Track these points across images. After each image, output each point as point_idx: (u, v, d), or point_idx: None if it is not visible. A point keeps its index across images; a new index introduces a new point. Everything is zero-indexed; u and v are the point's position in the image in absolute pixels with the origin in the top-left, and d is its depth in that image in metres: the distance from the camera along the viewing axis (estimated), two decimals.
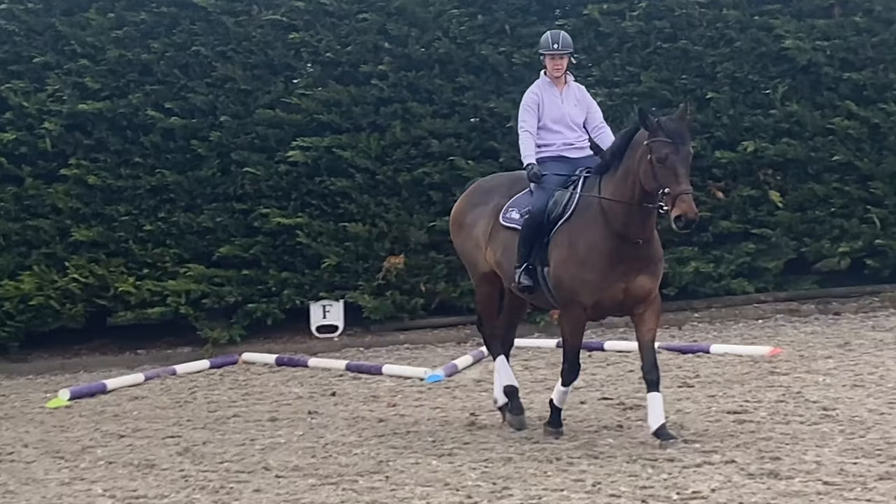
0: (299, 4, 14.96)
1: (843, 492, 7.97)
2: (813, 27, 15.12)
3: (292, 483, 9.12)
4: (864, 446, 9.09)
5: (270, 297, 14.82)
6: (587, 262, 9.28)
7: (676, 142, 8.86)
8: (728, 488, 8.21)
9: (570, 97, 10.23)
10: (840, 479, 8.30)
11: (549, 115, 10.12)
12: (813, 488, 8.05)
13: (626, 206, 9.13)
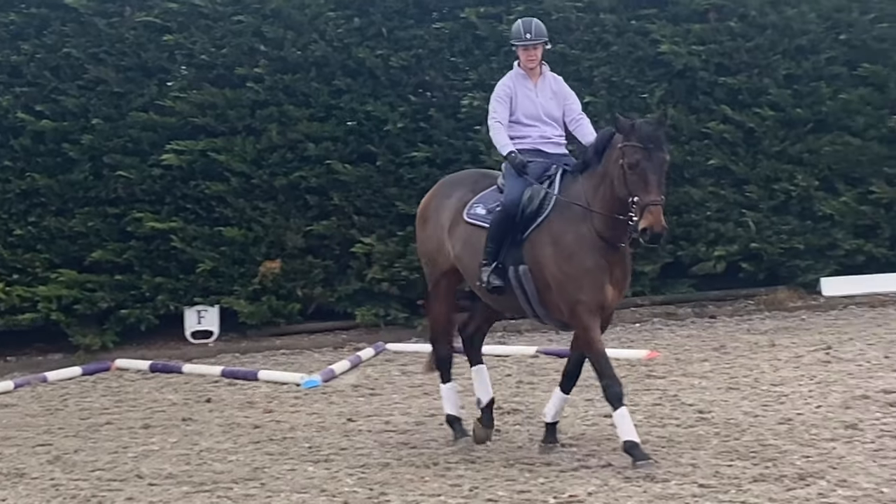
0: (173, 6, 14.89)
1: (718, 494, 8.18)
2: (689, 32, 15.41)
3: (166, 491, 9.07)
4: (738, 448, 9.33)
5: (144, 302, 14.75)
6: (576, 255, 8.81)
7: (649, 147, 8.38)
8: (604, 492, 8.35)
9: (546, 90, 9.63)
10: (715, 481, 8.52)
11: (522, 110, 9.56)
12: (688, 491, 8.26)
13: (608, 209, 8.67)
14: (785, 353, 13.03)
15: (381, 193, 15.14)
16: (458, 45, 15.18)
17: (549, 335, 14.62)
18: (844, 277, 15.88)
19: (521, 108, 9.48)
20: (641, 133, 8.38)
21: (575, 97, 9.70)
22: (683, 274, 15.88)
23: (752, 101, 15.66)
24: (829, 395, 11.00)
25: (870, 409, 10.42)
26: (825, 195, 15.80)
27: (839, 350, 12.93)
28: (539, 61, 9.55)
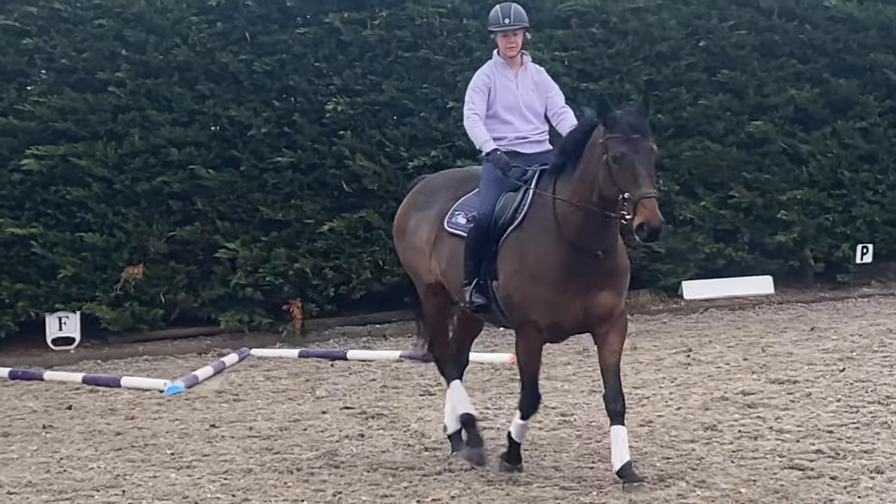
0: (32, 10, 14.74)
1: (580, 496, 8.40)
2: (551, 37, 15.53)
3: (25, 500, 9.03)
4: (600, 451, 9.58)
5: (4, 308, 14.62)
6: (538, 276, 8.16)
7: (634, 138, 7.78)
8: (468, 495, 8.52)
9: (527, 81, 8.98)
10: (577, 483, 8.75)
11: (501, 102, 8.86)
12: (551, 493, 8.46)
13: (584, 214, 8.09)
14: (646, 355, 13.34)
15: (244, 199, 15.17)
16: (322, 51, 15.22)
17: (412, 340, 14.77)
18: (705, 281, 16.23)
19: (500, 99, 8.87)
20: (624, 123, 7.80)
21: (557, 89, 9.12)
22: None
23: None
24: (689, 398, 11.32)
25: (728, 411, 10.77)
26: (686, 200, 16.10)
27: (699, 353, 13.26)
28: (520, 49, 9.02)
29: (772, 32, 16.15)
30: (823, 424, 10.15)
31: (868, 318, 14.89)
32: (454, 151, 15.37)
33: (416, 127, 15.45)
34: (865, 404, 10.76)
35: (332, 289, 15.37)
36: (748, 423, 10.32)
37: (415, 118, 15.38)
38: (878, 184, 16.48)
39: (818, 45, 16.26)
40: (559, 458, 9.53)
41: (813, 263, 16.46)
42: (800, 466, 9.10)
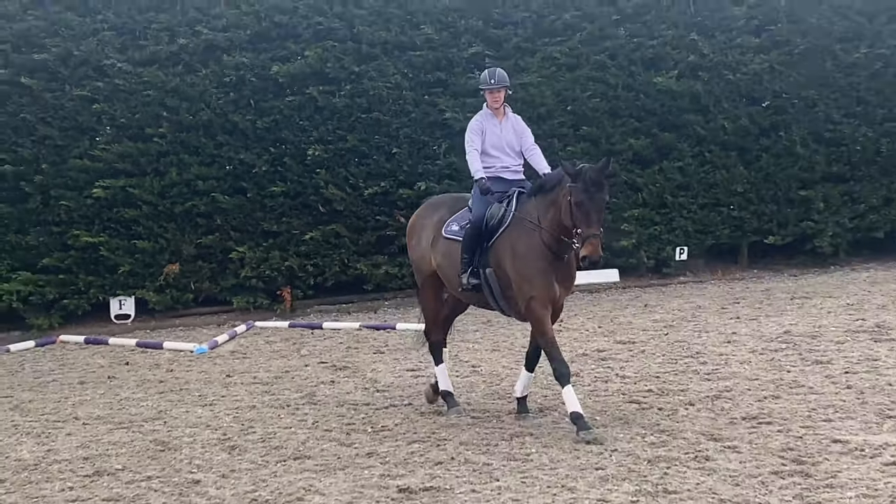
0: (100, 84, 14.52)
1: (484, 423, 8.57)
2: (465, 104, 15.35)
3: (95, 429, 9.09)
4: (499, 392, 9.69)
5: (80, 294, 14.51)
6: (528, 259, 8.33)
7: (591, 190, 7.90)
8: (406, 423, 8.79)
9: (509, 127, 9.10)
10: (482, 414, 8.85)
11: (489, 142, 9.01)
12: (465, 421, 8.65)
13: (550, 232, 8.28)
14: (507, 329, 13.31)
15: (250, 216, 15.08)
16: (305, 112, 15.12)
17: (368, 314, 14.79)
18: None
19: (489, 140, 8.99)
20: (586, 178, 7.92)
21: (529, 132, 9.25)
22: None
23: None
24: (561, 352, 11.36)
25: (587, 363, 10.90)
26: None
27: (568, 323, 13.28)
28: (502, 103, 9.09)
29: (617, 100, 16.21)
30: (652, 372, 10.32)
31: (684, 298, 15.03)
32: (397, 183, 15.38)
33: (370, 166, 15.36)
34: (682, 358, 10.91)
35: (311, 279, 15.35)
36: (601, 372, 10.45)
37: (369, 160, 15.36)
38: (691, 205, 16.57)
39: (649, 109, 16.33)
40: (470, 397, 9.64)
41: (646, 261, 16.55)
42: (636, 401, 9.23)
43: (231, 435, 8.66)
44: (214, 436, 8.67)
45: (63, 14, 14.45)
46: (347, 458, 7.91)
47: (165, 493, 7.30)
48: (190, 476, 7.65)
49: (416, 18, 15.49)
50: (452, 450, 7.95)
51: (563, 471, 7.36)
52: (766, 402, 8.89)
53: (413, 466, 7.61)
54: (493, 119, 9.09)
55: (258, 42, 15.03)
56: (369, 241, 15.41)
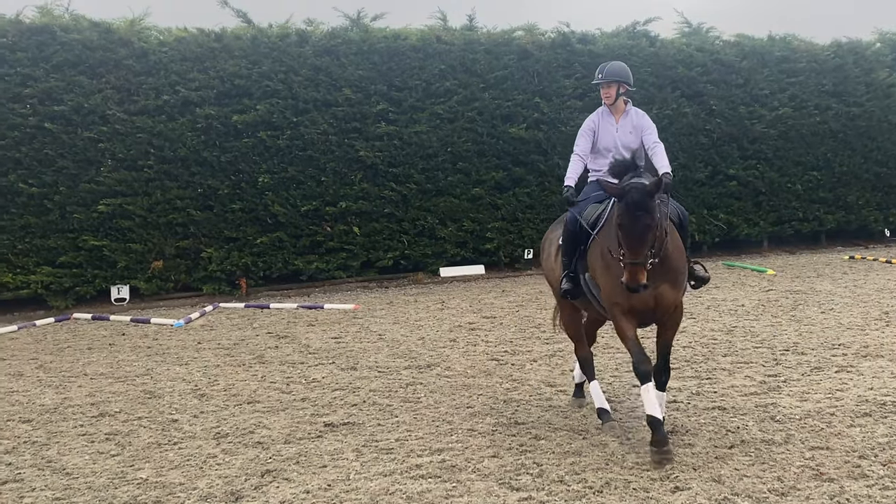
0: (105, 129, 14.18)
1: (387, 376, 8.48)
2: (374, 146, 15.40)
3: (99, 382, 8.84)
4: (400, 354, 9.72)
5: (88, 282, 14.22)
6: (612, 267, 5.93)
7: (632, 212, 5.51)
8: (330, 377, 8.53)
9: (627, 125, 6.74)
10: (386, 370, 8.78)
11: (601, 142, 6.80)
12: (371, 374, 8.62)
13: None
14: (422, 305, 13.39)
15: (216, 226, 14.87)
16: (256, 150, 15.00)
17: (304, 298, 14.71)
18: (451, 267, 16.32)
19: (601, 140, 6.77)
20: (629, 199, 5.57)
21: (652, 129, 6.74)
22: (372, 266, 15.92)
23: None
24: (442, 325, 11.41)
25: (462, 332, 10.92)
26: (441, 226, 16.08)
27: (448, 304, 13.33)
28: (614, 97, 6.71)
29: (483, 144, 16.29)
30: (508, 338, 10.33)
31: (530, 286, 15.16)
32: (325, 202, 15.33)
33: (305, 190, 15.27)
34: (529, 328, 10.99)
35: (261, 272, 15.22)
36: (471, 338, 10.47)
37: (304, 185, 15.29)
38: (535, 219, 16.69)
39: (506, 151, 16.43)
40: (378, 358, 9.52)
41: (503, 258, 16.66)
42: (496, 359, 9.27)
43: (201, 386, 8.58)
44: (188, 387, 8.59)
45: (76, 76, 14.08)
46: (287, 402, 7.88)
47: (152, 429, 7.20)
48: (170, 416, 7.56)
49: (338, 83, 15.39)
50: (364, 395, 7.97)
51: (444, 409, 7.41)
52: (597, 359, 9.02)
53: (336, 408, 7.60)
54: (609, 117, 6.85)
55: (222, 98, 14.82)
56: (304, 245, 15.35)
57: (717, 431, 6.38)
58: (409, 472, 5.86)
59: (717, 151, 17.77)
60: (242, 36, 15.12)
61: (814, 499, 5.04)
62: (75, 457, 6.52)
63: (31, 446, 6.82)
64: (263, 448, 6.54)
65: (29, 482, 5.99)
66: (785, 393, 7.35)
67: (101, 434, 7.07)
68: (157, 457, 6.45)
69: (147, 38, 14.70)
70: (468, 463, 5.99)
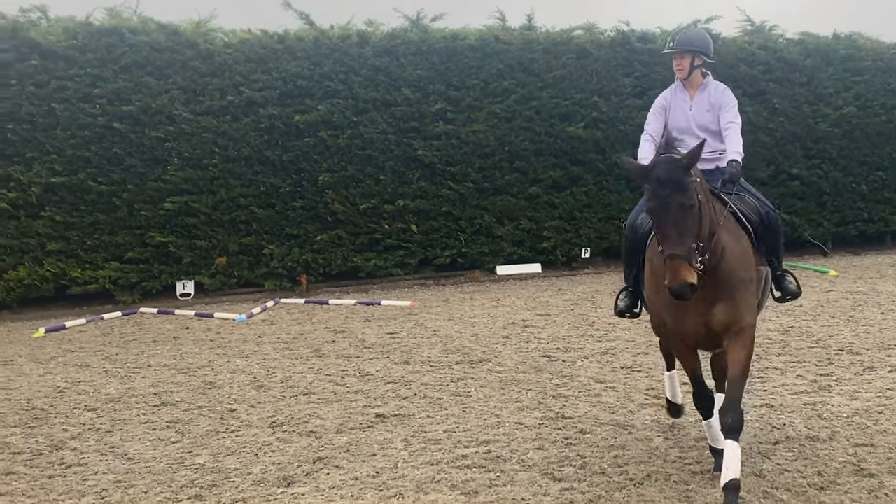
0: (171, 128, 14.49)
1: (439, 371, 8.57)
2: (432, 144, 15.47)
3: (162, 373, 9.13)
4: (454, 348, 9.81)
5: (154, 278, 14.54)
6: (660, 283, 4.55)
7: (661, 192, 4.28)
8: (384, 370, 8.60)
9: (703, 103, 5.60)
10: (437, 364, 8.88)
11: (673, 123, 5.65)
12: (423, 368, 8.70)
13: None
14: (479, 301, 13.48)
15: (278, 224, 15.12)
16: (318, 149, 15.23)
17: (362, 294, 14.91)
18: (507, 266, 16.38)
19: (673, 120, 5.67)
20: (655, 174, 4.33)
21: (731, 106, 5.55)
22: (429, 264, 16.05)
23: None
24: (496, 322, 11.50)
25: (515, 329, 10.97)
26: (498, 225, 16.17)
27: (504, 301, 13.40)
28: (688, 70, 5.62)
29: (541, 143, 16.28)
30: (561, 335, 10.39)
31: (586, 284, 15.17)
32: (383, 200, 15.51)
33: (364, 188, 15.44)
34: (582, 326, 11.04)
35: (321, 269, 15.47)
36: (524, 335, 10.55)
37: (363, 184, 15.48)
38: (593, 218, 16.66)
39: (563, 150, 16.39)
40: (431, 353, 9.60)
41: (560, 258, 16.68)
42: (547, 355, 9.35)
43: (259, 378, 8.78)
44: (247, 378, 8.79)
45: (144, 77, 14.44)
46: (341, 393, 8.06)
47: (211, 417, 7.43)
48: (228, 406, 7.78)
49: (397, 83, 15.56)
50: (416, 388, 8.11)
51: (493, 403, 7.54)
52: (639, 356, 9.06)
53: (387, 400, 7.77)
54: (682, 93, 5.71)
55: (285, 98, 15.07)
56: (363, 242, 15.56)
57: (762, 428, 6.43)
58: (455, 461, 6.01)
59: (779, 150, 17.59)
60: (305, 37, 15.40)
61: (852, 493, 5.08)
62: (137, 443, 6.79)
63: (95, 433, 7.11)
64: (316, 437, 6.74)
65: (92, 466, 6.27)
66: (835, 392, 7.34)
67: (162, 422, 7.34)
68: (215, 444, 6.69)
69: (212, 40, 15.06)
70: (513, 454, 6.12)
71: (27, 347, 11.06)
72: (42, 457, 6.48)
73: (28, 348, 11.00)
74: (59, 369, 9.59)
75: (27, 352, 10.74)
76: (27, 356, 10.43)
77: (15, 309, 13.90)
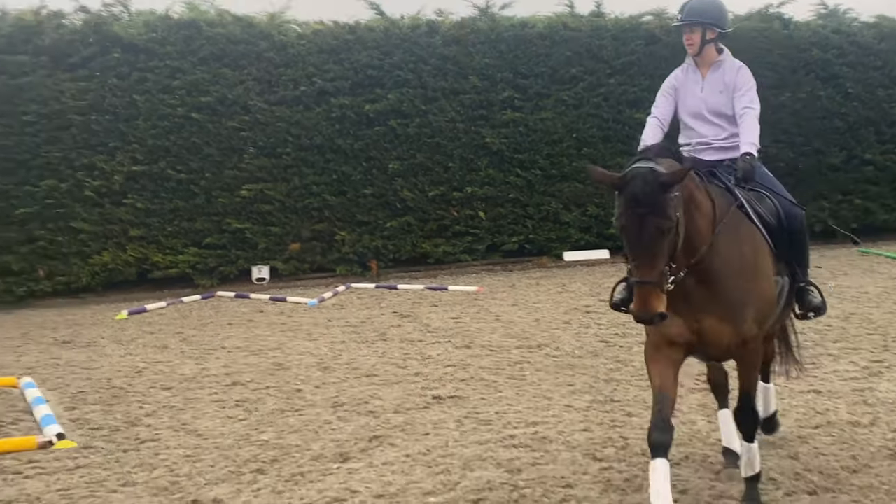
0: (246, 118, 14.92)
1: (497, 354, 8.71)
2: (500, 132, 15.58)
3: (236, 355, 9.56)
4: (513, 333, 9.95)
5: (231, 263, 14.96)
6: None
7: (632, 211, 3.81)
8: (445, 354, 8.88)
9: (716, 83, 4.99)
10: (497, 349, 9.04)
11: (684, 107, 5.08)
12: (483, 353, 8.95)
13: None
14: (545, 287, 13.66)
15: (349, 210, 15.43)
16: (387, 138, 15.55)
17: (430, 280, 15.20)
18: (573, 252, 16.46)
19: (684, 104, 5.08)
20: (629, 191, 3.82)
21: (748, 88, 4.94)
22: (497, 250, 16.20)
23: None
24: (560, 307, 11.68)
25: (577, 314, 11.14)
26: (565, 211, 16.26)
27: (569, 286, 13.55)
28: (699, 45, 5.01)
29: (609, 130, 16.30)
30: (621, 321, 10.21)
31: None
32: (451, 187, 15.73)
33: (433, 176, 15.68)
34: None
35: (391, 255, 15.79)
36: (584, 321, 10.68)
37: (432, 171, 15.68)
38: None
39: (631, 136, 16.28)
40: (492, 338, 9.79)
41: None
42: (605, 340, 9.51)
43: (325, 360, 9.15)
44: (314, 360, 9.15)
45: (221, 69, 14.92)
46: (401, 376, 8.39)
47: (278, 397, 7.83)
48: (295, 386, 8.17)
49: (466, 72, 15.77)
50: (473, 372, 8.40)
51: (545, 386, 7.79)
52: None
53: (445, 382, 8.07)
54: (694, 73, 5.10)
55: (356, 88, 15.39)
56: (431, 228, 15.82)
57: (805, 413, 6.55)
58: (503, 441, 6.29)
59: (852, 135, 17.32)
60: (375, 28, 15.72)
61: (882, 476, 5.21)
62: (207, 420, 7.22)
63: (169, 410, 7.57)
64: (374, 416, 7.08)
65: (165, 441, 6.72)
66: (885, 378, 7.40)
67: (231, 401, 7.77)
68: (280, 422, 7.08)
69: (286, 32, 15.48)
70: (559, 435, 6.37)
71: (110, 329, 11.60)
72: (119, 432, 6.96)
73: (111, 330, 11.53)
74: (139, 350, 10.10)
75: (110, 333, 11.28)
76: (109, 337, 10.96)
77: (99, 292, 14.47)
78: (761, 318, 4.33)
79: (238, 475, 5.90)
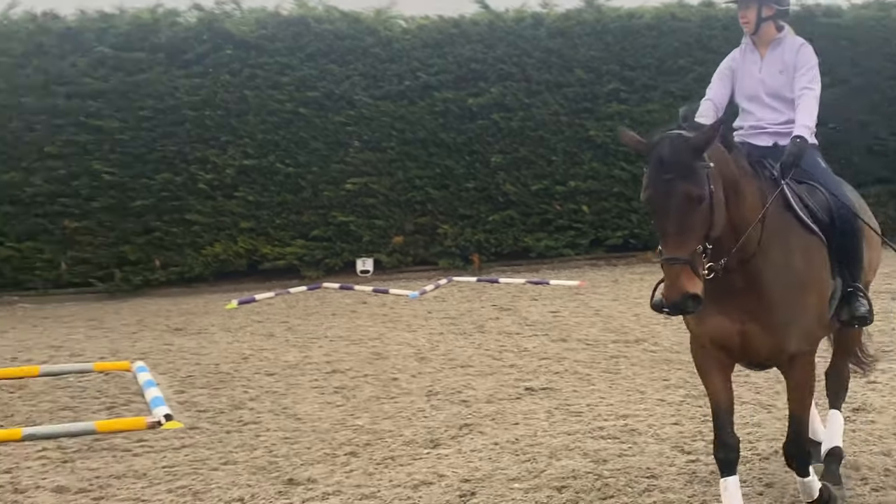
0: (352, 113, 15.26)
1: (594, 348, 8.87)
2: (605, 125, 15.61)
3: (336, 343, 9.90)
4: (611, 327, 9.98)
5: (336, 256, 15.29)
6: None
7: (659, 176, 3.64)
8: (541, 346, 8.97)
9: (775, 63, 4.69)
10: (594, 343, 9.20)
11: (741, 90, 4.83)
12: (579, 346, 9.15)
13: None
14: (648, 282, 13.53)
15: (451, 204, 15.62)
16: (490, 132, 15.74)
17: (532, 274, 15.27)
18: None
19: (741, 86, 4.83)
20: (656, 153, 3.71)
21: (809, 67, 4.63)
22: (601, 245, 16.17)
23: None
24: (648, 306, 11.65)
25: None
26: None
27: None
28: (754, 24, 4.71)
29: None
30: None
31: None
32: (554, 181, 15.77)
33: (536, 170, 15.72)
34: None
35: (493, 248, 15.92)
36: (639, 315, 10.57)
37: (535, 165, 15.75)
38: None
39: None
40: (588, 332, 9.89)
41: None
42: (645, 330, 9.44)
43: (423, 351, 9.41)
44: (412, 351, 9.43)
45: (328, 65, 15.32)
46: (496, 367, 8.58)
47: (375, 385, 8.13)
48: (391, 375, 8.46)
49: (570, 64, 15.80)
50: (568, 365, 8.54)
51: (639, 380, 7.87)
52: None
53: (538, 374, 8.23)
54: (752, 53, 4.83)
55: (459, 82, 15.57)
56: (534, 223, 15.90)
57: None
58: (592, 432, 6.41)
59: None
60: (480, 21, 15.90)
61: None
62: (306, 405, 7.55)
63: (271, 395, 7.94)
64: (467, 405, 7.29)
65: (265, 424, 7.07)
66: None
67: (330, 387, 8.09)
68: (375, 408, 7.35)
69: (392, 27, 15.79)
70: (649, 428, 6.45)
71: (220, 318, 12.08)
72: (223, 415, 7.34)
73: (221, 318, 12.01)
74: (246, 338, 10.55)
75: (220, 321, 11.76)
76: (219, 325, 11.45)
77: (211, 282, 15.01)
78: (810, 335, 4.10)
79: (332, 457, 6.18)
